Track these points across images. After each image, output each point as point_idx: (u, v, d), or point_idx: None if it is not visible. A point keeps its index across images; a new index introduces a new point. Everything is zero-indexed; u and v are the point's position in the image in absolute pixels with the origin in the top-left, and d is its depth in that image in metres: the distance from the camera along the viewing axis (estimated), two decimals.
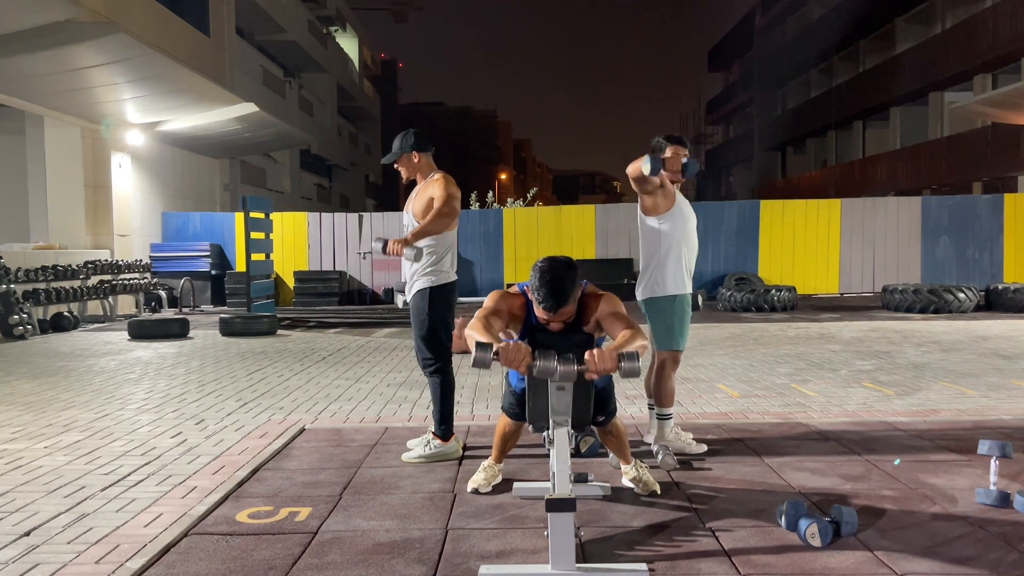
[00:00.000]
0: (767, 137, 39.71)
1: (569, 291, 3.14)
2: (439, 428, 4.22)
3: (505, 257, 16.75)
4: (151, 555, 2.93)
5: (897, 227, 16.62)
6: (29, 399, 6.15)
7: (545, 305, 3.14)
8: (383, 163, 4.54)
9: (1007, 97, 15.59)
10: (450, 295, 4.29)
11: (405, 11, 56.84)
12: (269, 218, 13.65)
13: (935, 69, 24.21)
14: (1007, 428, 4.71)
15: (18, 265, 11.48)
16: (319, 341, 9.86)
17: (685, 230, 4.24)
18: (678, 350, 4.25)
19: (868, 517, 3.22)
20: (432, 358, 4.23)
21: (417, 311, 4.24)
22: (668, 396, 4.20)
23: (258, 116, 16.02)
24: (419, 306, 4.23)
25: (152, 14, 13.38)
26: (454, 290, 4.33)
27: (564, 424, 3.05)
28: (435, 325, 4.21)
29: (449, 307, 4.29)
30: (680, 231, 4.22)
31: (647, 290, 4.30)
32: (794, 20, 37.75)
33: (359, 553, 2.96)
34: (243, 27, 24.48)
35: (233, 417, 5.41)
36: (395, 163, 4.41)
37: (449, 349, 4.29)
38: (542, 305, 3.16)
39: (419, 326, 4.24)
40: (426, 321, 4.20)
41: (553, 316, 3.18)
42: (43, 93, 12.41)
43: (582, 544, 2.99)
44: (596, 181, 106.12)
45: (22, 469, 4.16)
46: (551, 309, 3.14)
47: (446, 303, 4.26)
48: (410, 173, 4.41)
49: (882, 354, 7.98)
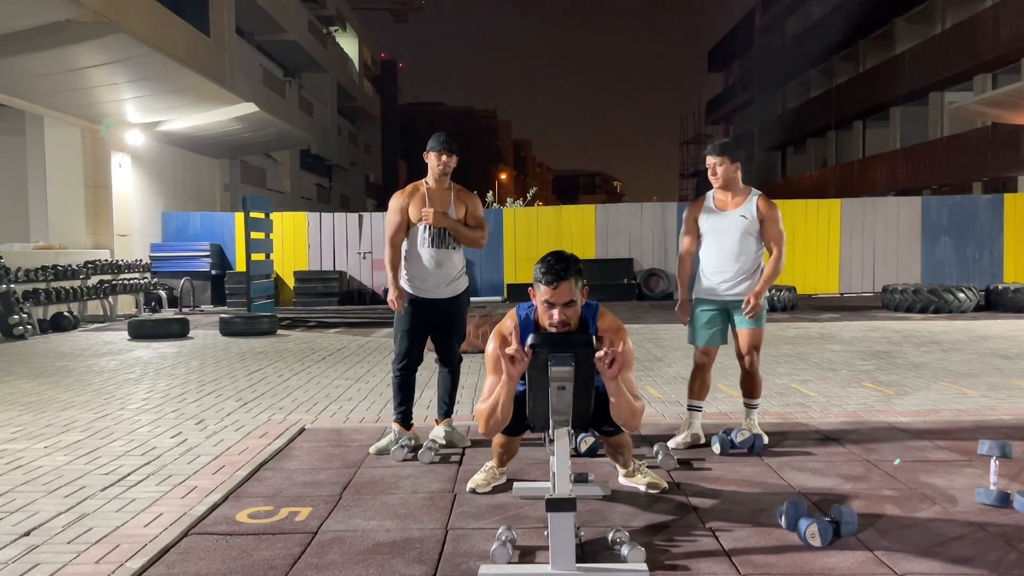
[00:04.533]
0: (767, 137, 39.70)
1: (568, 267, 3.13)
2: (451, 411, 4.57)
3: (505, 257, 16.76)
4: (151, 555, 2.93)
5: (897, 227, 16.63)
6: (29, 399, 6.15)
7: (545, 280, 3.13)
8: (454, 153, 4.45)
9: (1007, 97, 15.58)
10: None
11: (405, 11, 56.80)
12: (269, 218, 13.66)
13: (935, 69, 24.20)
14: (1007, 428, 4.71)
15: (18, 265, 11.48)
16: (319, 341, 9.86)
17: (706, 241, 4.58)
18: (691, 344, 4.59)
19: (868, 517, 3.22)
20: (459, 355, 4.58)
21: (461, 311, 4.53)
22: (693, 391, 4.57)
23: (258, 116, 16.02)
24: (464, 306, 4.55)
25: (152, 14, 13.39)
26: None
27: (564, 424, 3.05)
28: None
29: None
30: (703, 242, 4.60)
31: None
32: (794, 20, 37.75)
33: (359, 553, 2.96)
34: (243, 27, 24.48)
35: (233, 417, 5.41)
36: (453, 156, 4.43)
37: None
38: (542, 281, 3.14)
39: (461, 325, 4.56)
40: (465, 321, 4.60)
41: (553, 293, 3.11)
42: (43, 93, 12.41)
43: (582, 544, 2.99)
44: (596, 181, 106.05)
45: (22, 469, 4.16)
46: (550, 283, 3.11)
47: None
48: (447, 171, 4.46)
49: (882, 354, 7.98)
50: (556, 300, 3.13)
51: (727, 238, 4.45)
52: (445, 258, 4.36)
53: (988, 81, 22.64)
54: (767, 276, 4.40)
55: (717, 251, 4.48)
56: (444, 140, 4.43)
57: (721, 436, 4.24)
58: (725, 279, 4.44)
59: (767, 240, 4.43)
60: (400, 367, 4.42)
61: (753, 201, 4.45)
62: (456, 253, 4.44)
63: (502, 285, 16.70)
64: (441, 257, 4.35)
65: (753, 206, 4.43)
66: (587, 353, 3.01)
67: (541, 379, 3.03)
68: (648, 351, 8.47)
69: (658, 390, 6.22)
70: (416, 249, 4.38)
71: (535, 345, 3.04)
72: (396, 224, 4.37)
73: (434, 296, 4.38)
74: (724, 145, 4.51)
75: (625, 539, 2.88)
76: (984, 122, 21.32)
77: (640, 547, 2.79)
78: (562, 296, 3.12)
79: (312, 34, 32.76)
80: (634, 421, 3.20)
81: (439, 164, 4.39)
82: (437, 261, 4.35)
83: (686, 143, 56.28)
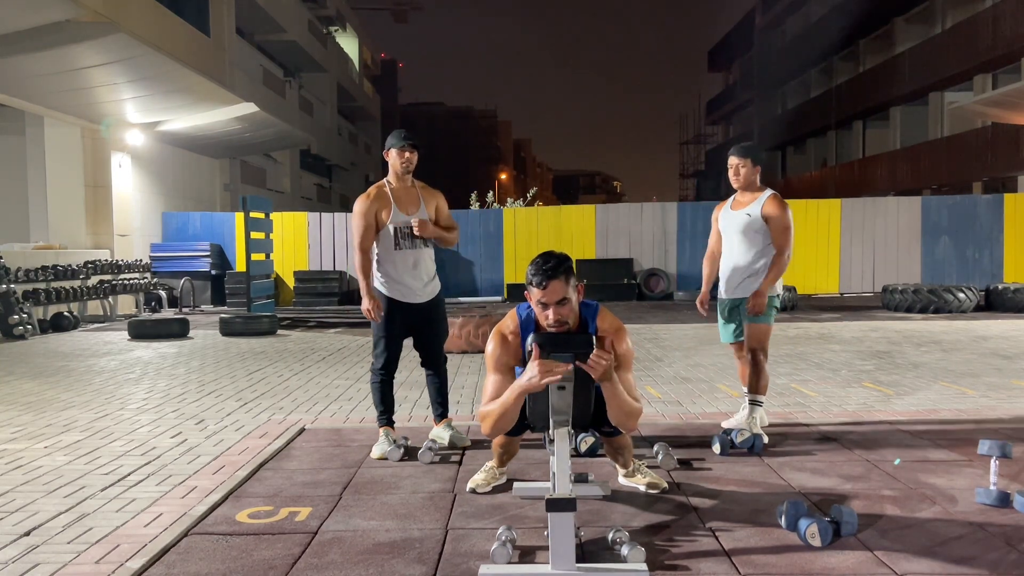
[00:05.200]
0: (767, 137, 39.67)
1: (557, 266, 3.12)
2: (447, 411, 4.53)
3: (505, 257, 16.75)
4: (151, 555, 2.93)
5: (897, 227, 16.63)
6: (29, 399, 6.15)
7: (535, 281, 3.12)
8: (417, 148, 4.37)
9: (1007, 97, 15.58)
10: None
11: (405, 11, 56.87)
12: (269, 218, 13.66)
13: (935, 69, 24.20)
14: (1007, 428, 4.71)
15: (18, 265, 11.48)
16: (319, 341, 9.86)
17: (722, 241, 4.76)
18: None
19: (868, 517, 3.22)
20: (444, 355, 4.54)
21: (441, 313, 4.50)
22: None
23: (258, 116, 16.02)
24: (443, 307, 4.52)
25: (152, 14, 13.39)
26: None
27: (564, 424, 3.05)
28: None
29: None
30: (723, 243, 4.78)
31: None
32: (794, 20, 37.74)
33: (359, 553, 2.96)
34: (243, 27, 24.47)
35: (233, 417, 5.41)
36: (415, 151, 4.37)
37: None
38: (532, 282, 3.14)
39: (443, 326, 4.54)
40: (446, 321, 4.58)
41: (544, 293, 3.10)
42: (43, 93, 12.41)
43: (582, 544, 2.99)
44: (596, 181, 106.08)
45: (22, 469, 4.16)
46: (540, 284, 3.10)
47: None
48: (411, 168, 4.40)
49: (882, 354, 7.98)
50: (548, 300, 3.12)
51: (733, 237, 4.62)
52: (419, 256, 4.31)
53: (988, 81, 22.64)
54: (768, 274, 4.45)
55: (728, 250, 4.67)
56: (404, 136, 4.32)
57: (721, 436, 4.24)
58: (731, 276, 4.62)
59: (772, 238, 4.49)
60: (383, 373, 4.38)
61: (761, 200, 4.52)
62: (428, 251, 4.38)
63: (502, 285, 16.70)
64: (416, 256, 4.30)
65: (759, 205, 4.50)
66: (587, 353, 3.01)
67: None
68: (648, 351, 8.47)
69: (658, 390, 6.22)
70: (389, 252, 4.28)
71: (538, 344, 3.04)
72: (363, 229, 4.24)
73: (412, 300, 4.31)
74: (748, 147, 4.67)
75: (625, 539, 2.88)
76: (984, 122, 21.32)
77: (640, 547, 2.79)
78: (554, 295, 3.12)
79: (312, 34, 32.75)
80: (629, 422, 3.20)
81: (402, 161, 4.29)
82: (413, 260, 4.29)
83: (686, 143, 56.32)
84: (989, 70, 22.50)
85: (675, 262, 16.81)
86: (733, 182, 4.66)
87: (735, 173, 4.63)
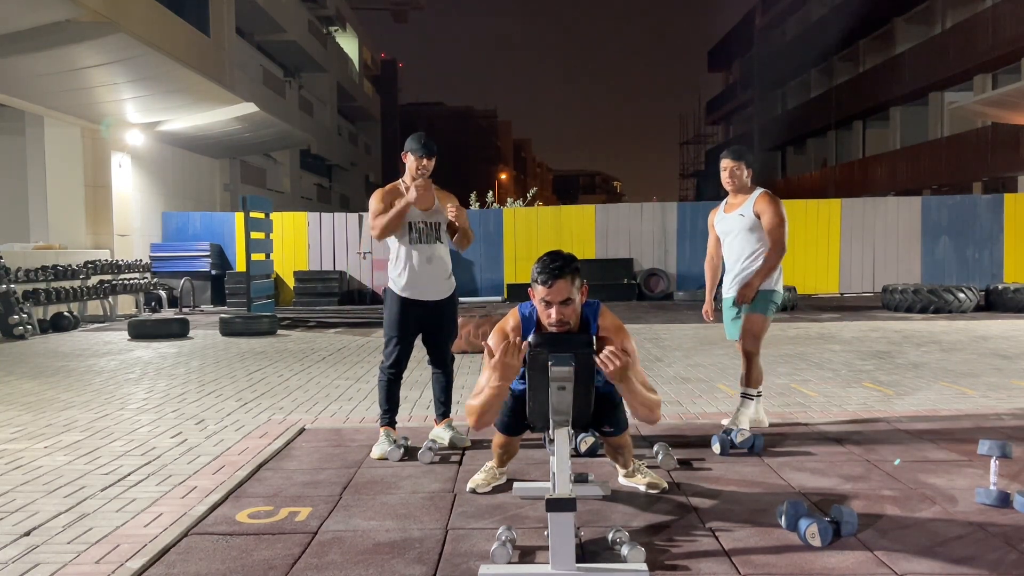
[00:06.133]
0: (767, 137, 39.68)
1: (564, 265, 3.13)
2: (449, 411, 4.54)
3: (505, 257, 16.74)
4: (151, 555, 2.93)
5: (897, 227, 16.62)
6: (29, 399, 6.15)
7: (540, 279, 3.13)
8: (436, 154, 4.35)
9: (1007, 97, 15.58)
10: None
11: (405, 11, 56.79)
12: (269, 218, 13.66)
13: (935, 69, 24.20)
14: (1007, 428, 4.71)
15: (18, 265, 11.48)
16: (319, 341, 9.86)
17: (722, 243, 4.82)
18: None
19: (868, 517, 3.22)
20: (452, 355, 4.54)
21: (453, 312, 4.50)
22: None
23: (258, 116, 16.02)
24: (455, 306, 4.52)
25: (152, 14, 13.37)
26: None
27: (564, 424, 3.05)
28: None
29: None
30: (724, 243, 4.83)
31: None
32: (794, 20, 37.73)
33: (359, 553, 2.96)
34: (243, 27, 24.47)
35: (233, 417, 5.41)
36: (433, 159, 4.34)
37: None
38: (538, 279, 3.14)
39: (453, 326, 4.53)
40: (457, 321, 4.57)
41: (549, 292, 3.11)
42: (43, 93, 12.41)
43: (582, 544, 2.99)
44: (596, 181, 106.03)
45: (22, 469, 4.16)
46: (545, 282, 3.11)
47: None
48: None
49: (882, 354, 7.98)
50: (553, 299, 3.13)
51: (731, 239, 4.68)
52: (433, 253, 4.30)
53: (988, 81, 22.63)
54: (761, 267, 4.50)
55: (728, 252, 4.74)
56: (424, 143, 4.28)
57: (721, 436, 4.25)
58: (733, 276, 4.70)
59: (766, 232, 4.52)
60: (392, 371, 4.38)
61: (752, 199, 4.57)
62: (443, 247, 4.37)
63: (502, 285, 16.69)
64: (429, 252, 4.29)
65: (750, 204, 4.55)
66: (587, 353, 3.01)
67: (541, 379, 3.03)
68: (648, 351, 8.47)
69: (658, 390, 6.21)
70: (403, 249, 4.30)
71: (536, 345, 3.04)
72: (379, 210, 4.25)
73: (426, 298, 4.32)
74: (740, 150, 4.73)
75: (625, 539, 2.88)
76: (984, 122, 21.32)
77: (640, 547, 2.79)
78: (559, 294, 3.12)
79: (312, 34, 32.74)
80: (653, 414, 3.20)
81: (419, 168, 4.27)
82: (427, 257, 4.28)
83: (686, 143, 56.30)
84: (989, 70, 22.50)
85: (675, 262, 16.81)
86: (726, 185, 4.71)
87: (729, 176, 4.67)
